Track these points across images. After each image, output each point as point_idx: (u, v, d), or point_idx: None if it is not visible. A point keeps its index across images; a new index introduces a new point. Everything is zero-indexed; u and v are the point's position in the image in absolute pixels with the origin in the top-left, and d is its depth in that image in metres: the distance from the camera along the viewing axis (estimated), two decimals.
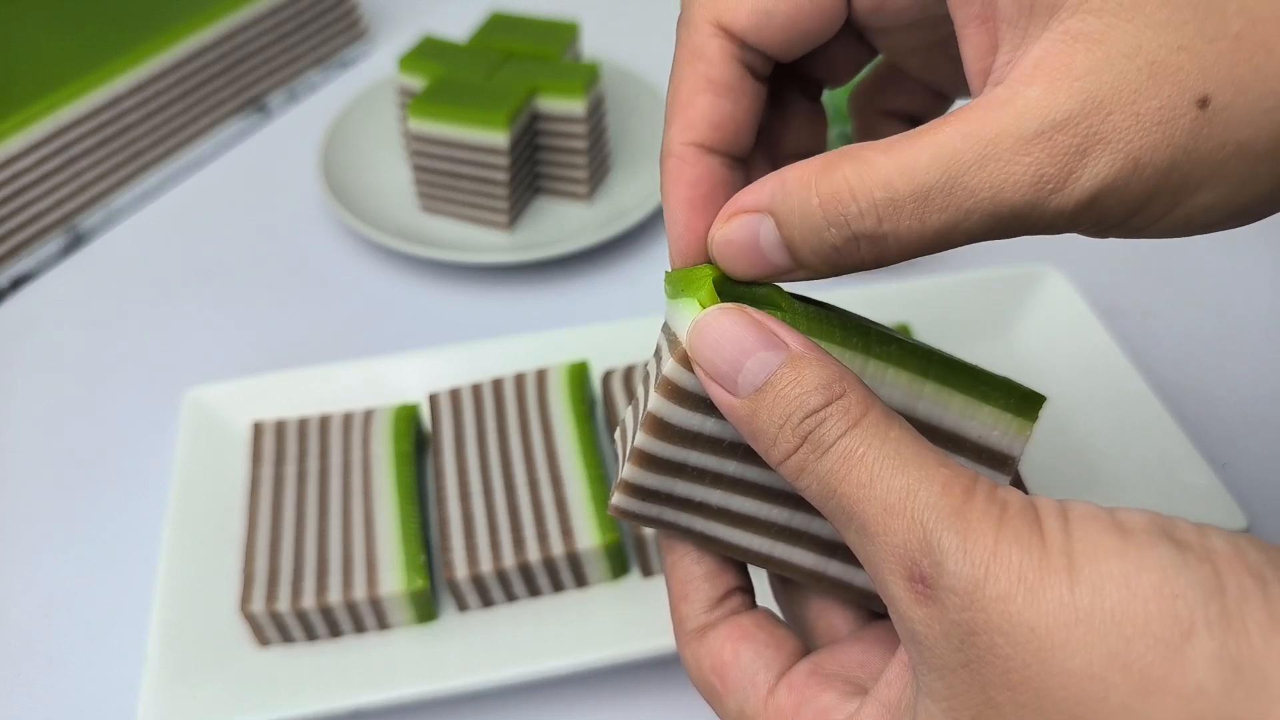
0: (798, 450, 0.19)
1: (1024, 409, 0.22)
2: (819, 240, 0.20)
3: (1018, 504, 0.18)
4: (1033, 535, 0.17)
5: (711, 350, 0.20)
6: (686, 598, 0.24)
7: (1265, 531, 0.42)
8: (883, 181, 0.19)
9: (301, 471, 0.42)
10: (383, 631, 0.38)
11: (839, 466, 0.19)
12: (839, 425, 0.19)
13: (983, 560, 0.17)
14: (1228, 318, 0.53)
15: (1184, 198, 0.19)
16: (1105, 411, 0.45)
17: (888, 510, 0.18)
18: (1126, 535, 0.17)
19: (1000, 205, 0.19)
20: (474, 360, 0.46)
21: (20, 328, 0.54)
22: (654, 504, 0.24)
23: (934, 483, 0.18)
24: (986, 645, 0.17)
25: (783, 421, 0.20)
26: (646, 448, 0.23)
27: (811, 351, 0.20)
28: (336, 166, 0.60)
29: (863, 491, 0.18)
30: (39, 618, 0.41)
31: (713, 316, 0.21)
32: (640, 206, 0.57)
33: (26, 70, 0.58)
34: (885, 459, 0.18)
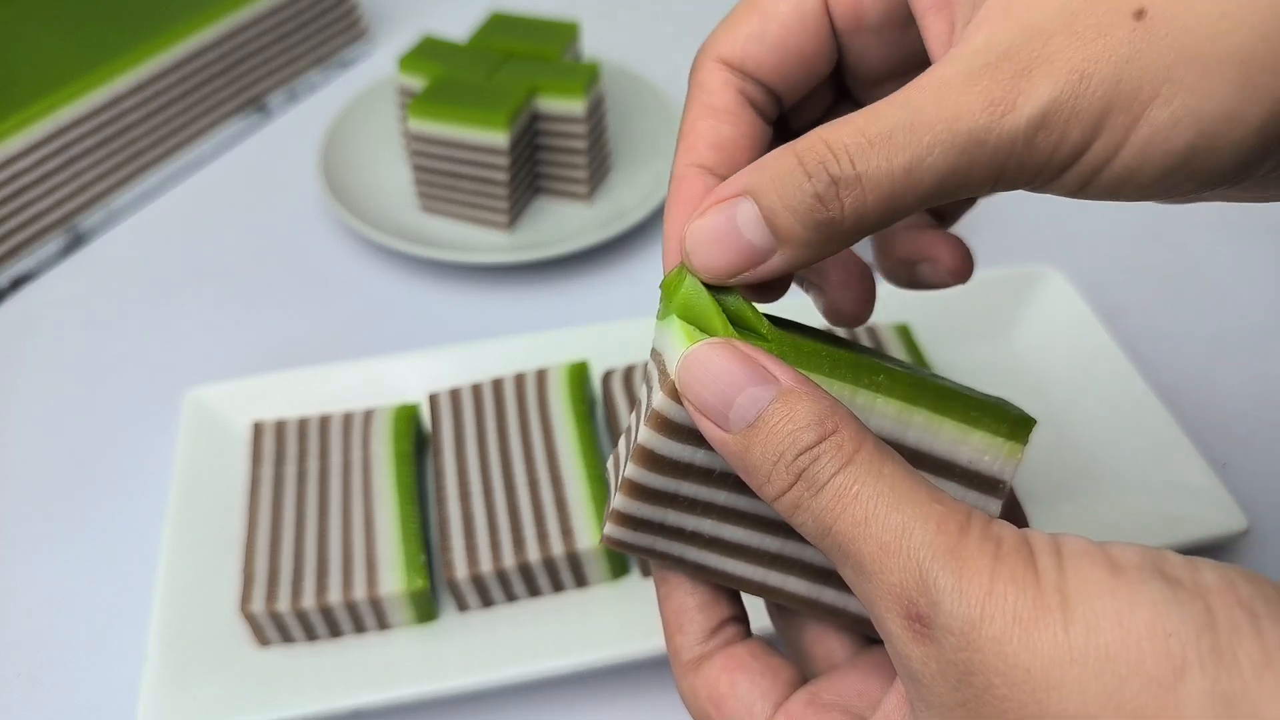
0: (792, 488, 0.19)
1: (1014, 433, 0.22)
2: (799, 194, 0.20)
3: (1011, 541, 0.18)
4: (1027, 573, 0.17)
5: (701, 386, 0.20)
6: (681, 629, 0.24)
7: (1265, 532, 0.42)
8: (854, 129, 0.20)
9: (301, 471, 0.42)
10: (383, 631, 0.38)
11: (834, 504, 0.19)
12: (833, 463, 0.19)
13: (978, 600, 0.17)
14: (1228, 317, 0.53)
15: (1140, 111, 0.19)
16: (1105, 411, 0.45)
17: (884, 549, 0.18)
18: (1119, 572, 0.17)
19: (957, 134, 0.19)
20: (474, 360, 0.46)
21: (20, 328, 0.54)
22: (646, 534, 0.23)
23: (929, 520, 0.18)
24: (983, 685, 0.17)
25: (776, 458, 0.19)
26: (637, 479, 0.22)
27: (802, 386, 0.20)
28: (336, 166, 0.60)
29: (858, 530, 0.18)
30: (39, 617, 0.41)
31: (701, 351, 0.20)
32: (640, 206, 0.57)
33: (27, 70, 0.58)
34: (880, 496, 0.19)
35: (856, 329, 0.47)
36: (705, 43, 0.26)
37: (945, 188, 0.20)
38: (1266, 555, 0.42)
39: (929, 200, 0.20)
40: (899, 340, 0.46)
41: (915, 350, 0.46)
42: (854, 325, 0.29)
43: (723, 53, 0.25)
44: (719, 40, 0.25)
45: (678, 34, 0.76)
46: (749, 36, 0.24)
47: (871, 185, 0.20)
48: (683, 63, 0.78)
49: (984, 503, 0.22)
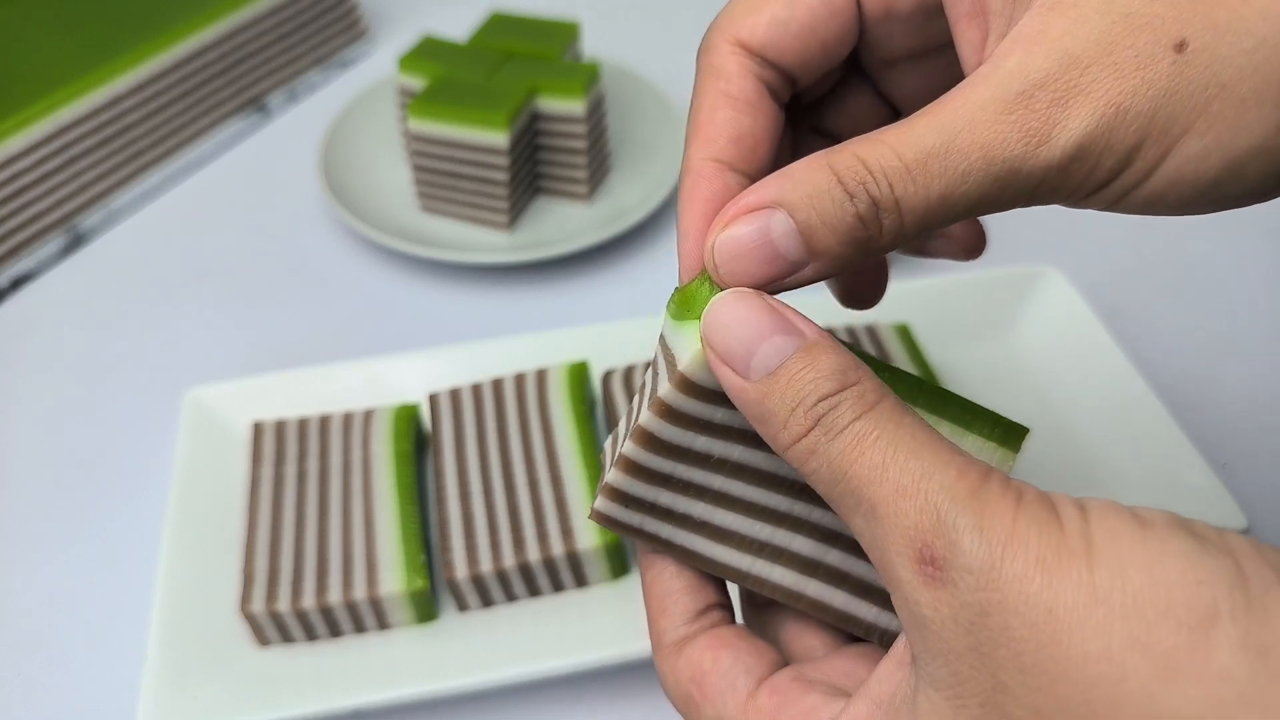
0: (809, 433, 0.19)
1: (1007, 439, 0.22)
2: (840, 214, 0.20)
3: (1033, 493, 0.18)
4: (1050, 518, 0.17)
5: (726, 331, 0.20)
6: (665, 611, 0.24)
7: (1265, 532, 0.42)
8: (890, 152, 0.20)
9: (301, 471, 0.42)
10: (383, 631, 0.38)
11: (852, 448, 0.19)
12: (853, 409, 0.19)
13: (1000, 540, 0.17)
14: (1227, 317, 0.53)
15: (1172, 143, 0.19)
16: (1105, 411, 0.45)
17: (900, 492, 0.18)
18: (1146, 525, 0.17)
19: (992, 162, 0.19)
20: (474, 360, 0.46)
21: (20, 328, 0.54)
22: (636, 512, 0.24)
23: (949, 467, 0.18)
24: (1000, 626, 0.16)
25: (795, 404, 0.19)
26: (634, 457, 0.23)
27: (826, 339, 0.20)
28: (336, 166, 0.60)
29: (875, 473, 0.18)
30: (39, 617, 0.41)
31: (729, 300, 0.20)
32: (640, 206, 0.57)
33: (27, 70, 0.58)
34: (900, 442, 0.18)
35: (856, 330, 0.47)
36: (719, 21, 0.25)
37: (977, 210, 0.20)
38: None
39: (961, 219, 0.21)
40: (899, 340, 0.46)
41: (915, 350, 0.46)
42: (866, 308, 0.29)
43: (742, 36, 0.24)
44: (737, 22, 0.24)
45: (678, 34, 0.76)
46: (773, 21, 0.23)
47: (908, 209, 0.20)
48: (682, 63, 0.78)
49: None
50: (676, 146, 0.61)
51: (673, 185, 0.58)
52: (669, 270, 0.56)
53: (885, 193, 0.20)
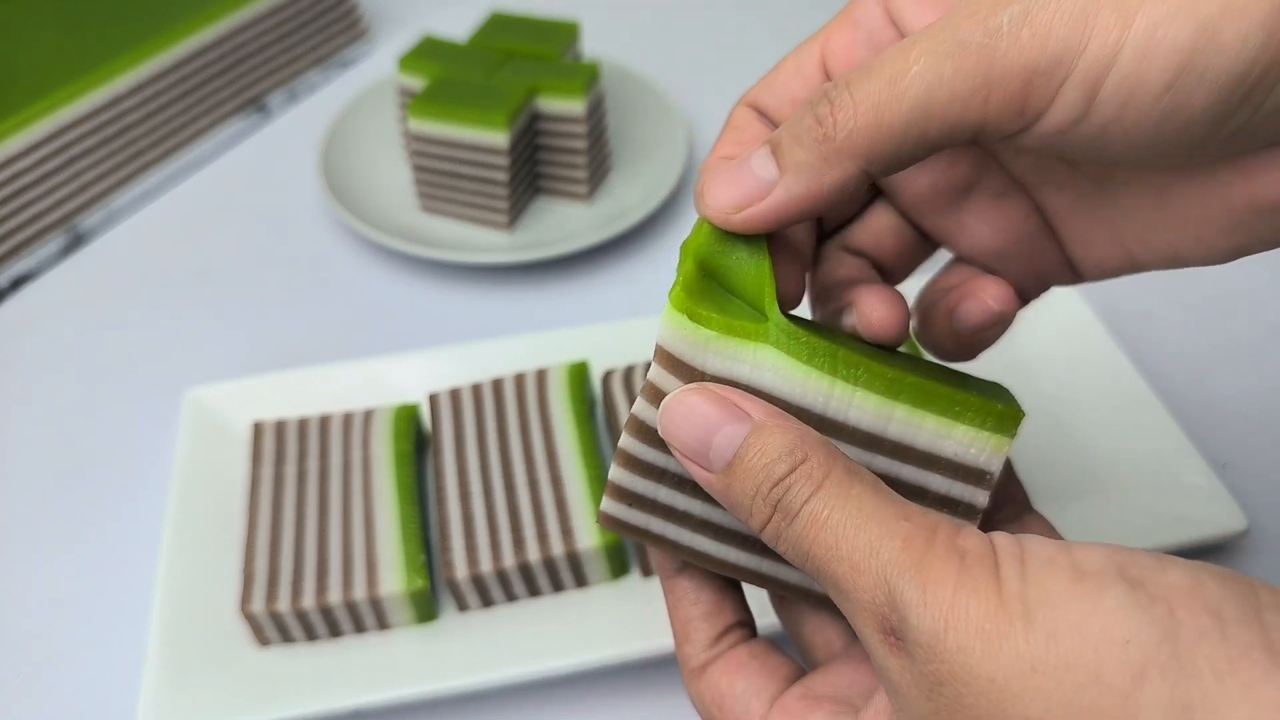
0: (771, 519, 0.20)
1: (1001, 426, 0.22)
2: (801, 121, 0.21)
3: (976, 551, 0.18)
4: (989, 583, 0.18)
5: (681, 430, 0.21)
6: (688, 638, 0.25)
7: (1265, 531, 0.42)
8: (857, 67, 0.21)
9: (301, 471, 0.42)
10: (383, 631, 0.38)
11: (808, 531, 0.20)
12: (804, 490, 0.20)
13: (942, 613, 0.17)
14: (1227, 317, 0.53)
15: (1134, 6, 0.18)
16: (1105, 411, 0.45)
17: (855, 569, 0.19)
18: (1082, 578, 0.17)
19: (939, 41, 0.20)
20: (474, 360, 0.47)
21: (20, 328, 0.54)
22: (640, 511, 0.24)
23: (895, 538, 0.19)
24: (953, 695, 0.17)
25: (754, 493, 0.20)
26: (629, 449, 0.23)
27: (773, 419, 0.21)
28: (336, 166, 0.60)
29: (831, 553, 0.19)
30: (39, 617, 0.41)
31: (678, 397, 0.22)
32: (640, 206, 0.57)
33: (27, 70, 0.58)
34: (849, 519, 0.19)
35: None
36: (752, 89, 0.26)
37: (933, 104, 0.19)
38: (1266, 555, 0.42)
39: (919, 124, 0.20)
40: None
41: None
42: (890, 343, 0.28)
43: (758, 102, 0.26)
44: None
45: (678, 34, 0.76)
46: (778, 92, 0.26)
47: (861, 97, 0.20)
48: (682, 63, 0.78)
49: (970, 494, 0.23)
50: (676, 146, 0.61)
51: (673, 185, 0.58)
52: (669, 270, 0.56)
53: (840, 89, 0.21)
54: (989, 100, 0.19)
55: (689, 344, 0.22)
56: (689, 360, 0.22)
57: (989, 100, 0.19)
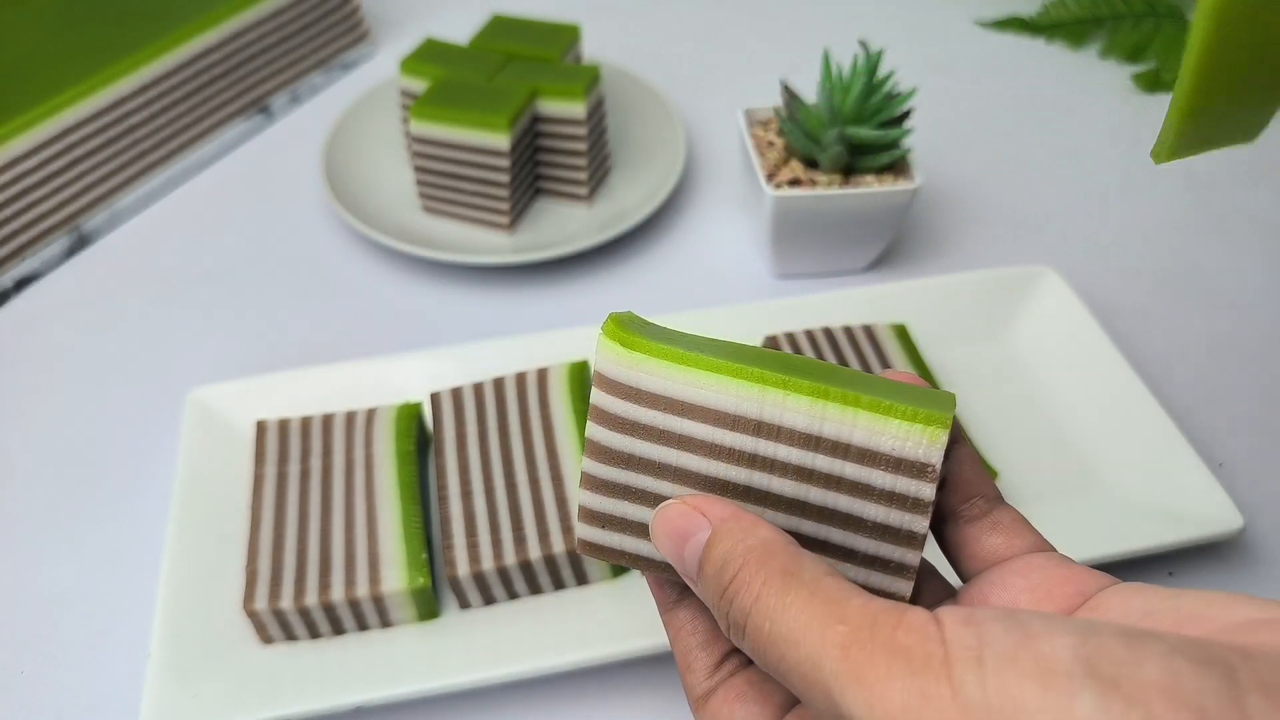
0: (729, 629, 0.21)
1: (934, 417, 0.22)
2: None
3: (921, 650, 0.17)
4: (942, 688, 0.16)
5: (665, 543, 0.23)
6: (690, 668, 0.26)
7: (1261, 530, 0.43)
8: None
9: (304, 470, 0.42)
10: (385, 629, 0.38)
11: (756, 644, 0.20)
12: (743, 602, 0.20)
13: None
14: (1223, 317, 0.53)
15: None
16: (1102, 411, 0.45)
17: (805, 681, 0.19)
18: (1048, 680, 0.16)
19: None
20: (475, 360, 0.47)
21: (24, 328, 0.54)
22: (614, 532, 0.25)
23: (833, 648, 0.18)
24: None
25: (714, 604, 0.21)
26: (591, 471, 0.24)
27: (726, 522, 0.22)
28: (339, 168, 0.60)
29: (782, 665, 0.19)
30: (43, 616, 0.41)
31: (661, 511, 0.23)
32: (640, 208, 0.57)
33: (31, 72, 0.58)
34: (787, 632, 0.19)
35: (854, 330, 0.47)
36: None
37: None
38: (1262, 553, 0.42)
39: None
40: (896, 340, 0.46)
41: (913, 349, 0.46)
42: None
43: None
44: None
45: (678, 37, 0.76)
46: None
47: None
48: (682, 66, 0.78)
49: (915, 488, 0.23)
50: (676, 148, 0.61)
51: (672, 186, 0.59)
52: (669, 271, 0.57)
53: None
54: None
55: (625, 368, 0.23)
56: (626, 381, 0.23)
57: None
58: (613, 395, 0.24)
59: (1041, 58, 0.75)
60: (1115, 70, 0.73)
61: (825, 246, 0.54)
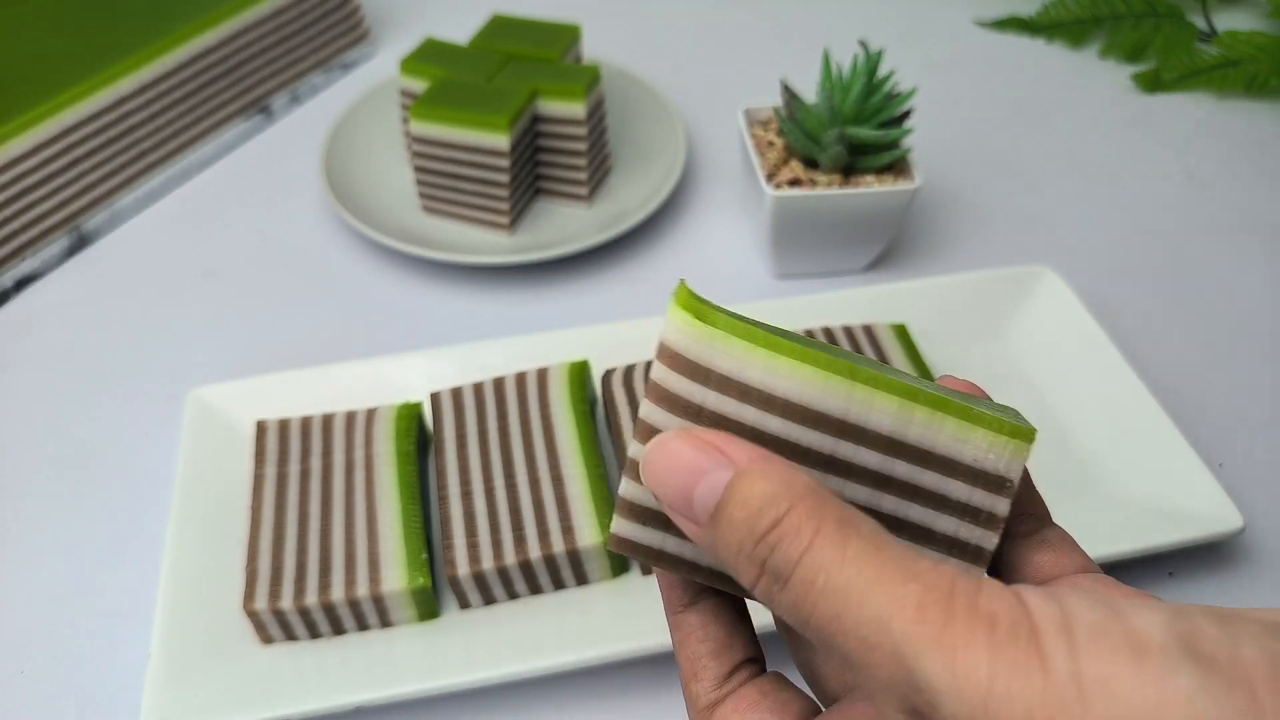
0: (760, 579, 0.18)
1: (1020, 430, 0.22)
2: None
3: (1008, 617, 0.16)
4: (1031, 659, 0.15)
5: (663, 481, 0.20)
6: (696, 676, 0.24)
7: (1261, 530, 0.43)
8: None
9: (304, 470, 0.42)
10: (385, 629, 0.38)
11: (803, 599, 0.17)
12: (792, 550, 0.17)
13: (980, 700, 0.15)
14: (1223, 317, 0.53)
15: None
16: (1102, 411, 0.45)
17: (865, 645, 0.16)
18: (1143, 655, 0.15)
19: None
20: (475, 360, 0.47)
21: (24, 328, 0.54)
22: (655, 529, 0.22)
23: (906, 607, 0.16)
24: None
25: (738, 550, 0.18)
26: (639, 456, 0.22)
27: (758, 463, 0.19)
28: (339, 168, 0.60)
29: (835, 625, 0.17)
30: (43, 615, 0.41)
31: (660, 445, 0.20)
32: (640, 208, 0.57)
33: (31, 72, 0.58)
34: (849, 585, 0.17)
35: (855, 331, 0.47)
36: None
37: None
38: (1262, 553, 0.42)
39: None
40: (896, 339, 0.46)
41: (913, 349, 0.46)
42: None
43: None
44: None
45: (678, 36, 0.76)
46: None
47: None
48: (682, 66, 0.78)
49: (991, 502, 0.22)
50: (676, 148, 0.61)
51: (672, 186, 0.59)
52: (669, 271, 0.57)
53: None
54: None
55: (696, 343, 0.20)
56: (696, 359, 0.20)
57: None
58: (678, 373, 0.20)
59: (1041, 58, 0.75)
60: (1115, 70, 0.73)
61: (825, 246, 0.54)
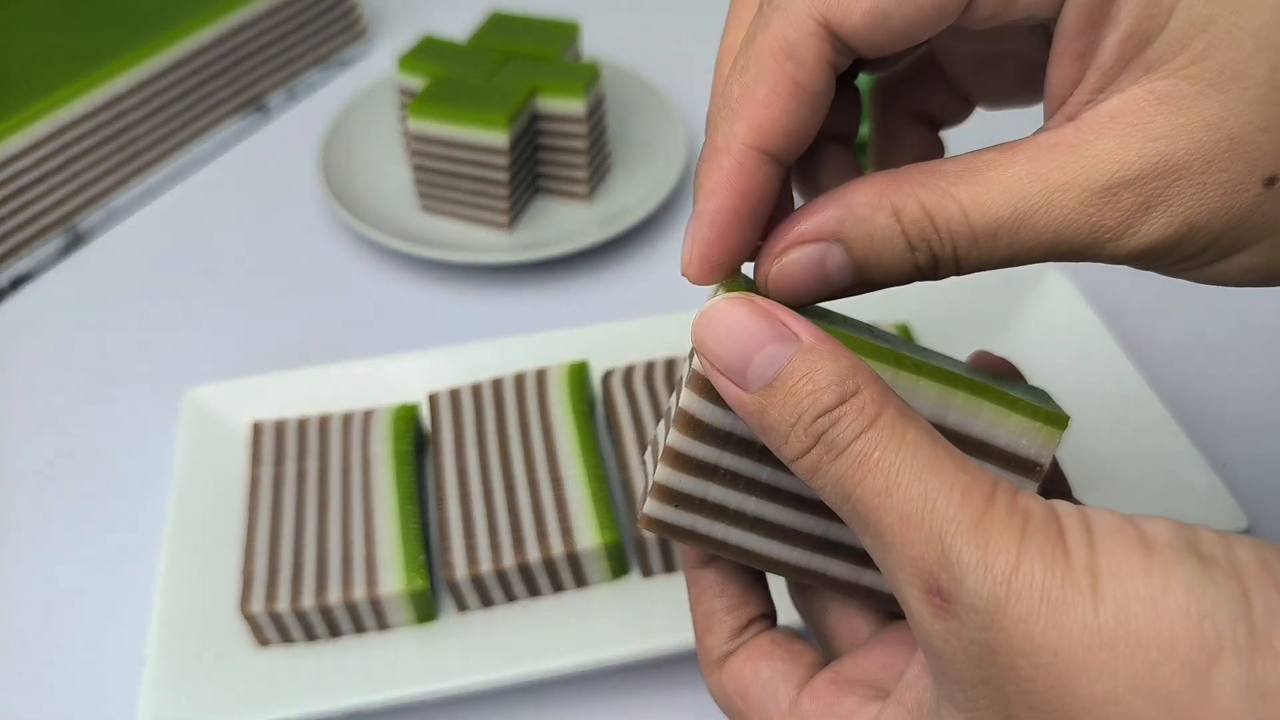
0: (810, 450, 0.19)
1: (1054, 417, 0.22)
2: (899, 260, 0.20)
3: (1040, 514, 0.17)
4: (1056, 550, 0.17)
5: (718, 342, 0.20)
6: (710, 630, 0.24)
7: (1265, 531, 0.42)
8: (958, 214, 0.20)
9: (301, 471, 0.42)
10: (382, 632, 0.38)
11: (854, 471, 0.18)
12: (854, 426, 0.18)
13: (1004, 578, 0.16)
14: (1228, 317, 0.53)
15: (1229, 256, 0.20)
16: (1106, 411, 0.45)
17: (905, 520, 0.17)
18: (1152, 550, 0.16)
19: (1059, 245, 0.20)
20: (474, 360, 0.46)
21: (20, 327, 0.54)
22: (687, 511, 0.23)
23: (953, 491, 0.17)
24: (1007, 664, 0.16)
25: (794, 420, 0.19)
26: (679, 446, 0.22)
27: (824, 344, 0.19)
28: (336, 166, 0.60)
29: (878, 499, 0.18)
30: (38, 618, 0.41)
31: (719, 307, 0.20)
32: (640, 206, 0.57)
33: (27, 70, 0.58)
34: (902, 464, 0.18)
35: None
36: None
37: (1031, 263, 0.21)
38: None
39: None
40: None
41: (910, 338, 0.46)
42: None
43: (832, 18, 0.20)
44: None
45: (678, 34, 0.76)
46: (873, 11, 0.20)
47: (968, 265, 0.21)
48: (682, 63, 0.78)
49: (1020, 484, 0.23)
50: (676, 147, 0.61)
51: (673, 184, 0.58)
52: (669, 270, 0.56)
53: (948, 252, 0.20)
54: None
55: None
56: None
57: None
58: None
59: None
60: None
61: None
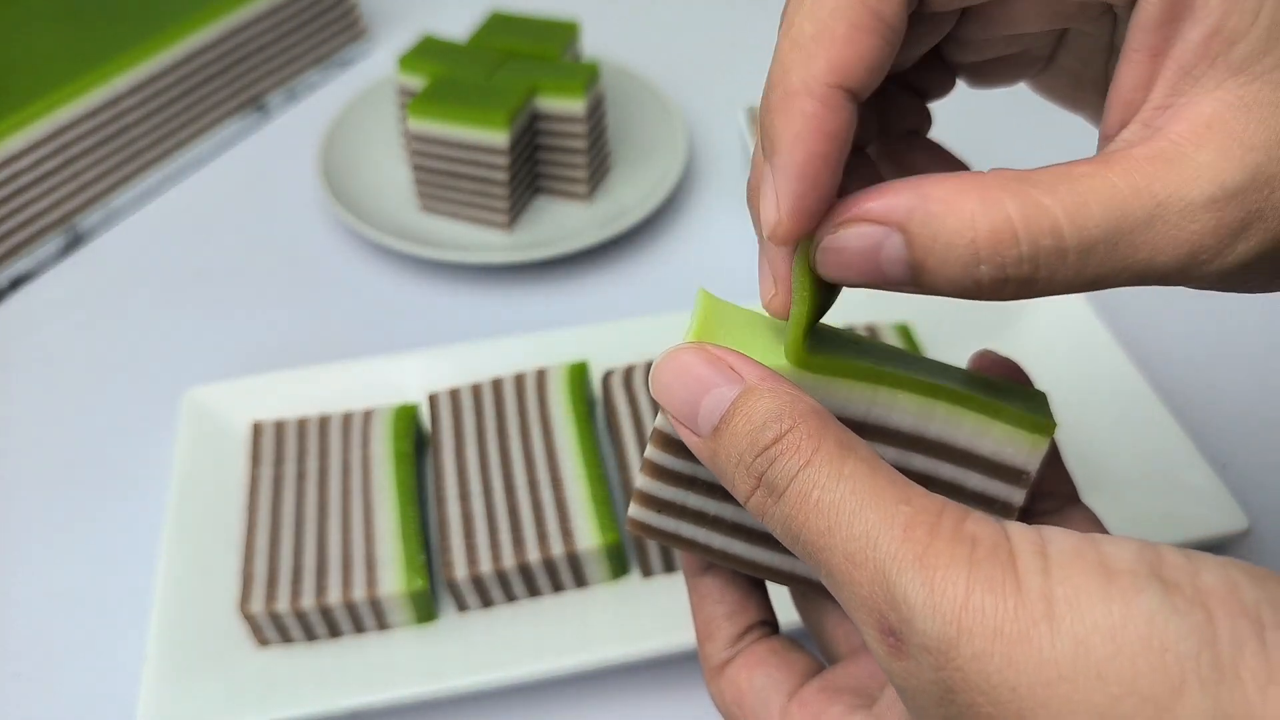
0: (755, 492, 0.19)
1: (1039, 424, 0.22)
2: (963, 274, 0.18)
3: (989, 541, 0.17)
4: (1007, 578, 0.16)
5: (669, 390, 0.20)
6: (711, 636, 0.25)
7: (1265, 531, 0.42)
8: (1051, 228, 0.18)
9: (301, 471, 0.42)
10: (382, 632, 0.38)
11: (796, 511, 0.18)
12: (791, 463, 0.18)
13: (953, 615, 0.16)
14: (1228, 317, 0.53)
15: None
16: (1106, 411, 0.45)
17: (850, 560, 0.17)
18: (1111, 577, 0.16)
19: (1152, 268, 0.18)
20: (474, 360, 0.46)
21: (19, 328, 0.54)
22: (670, 517, 0.24)
23: (894, 526, 0.17)
24: (966, 703, 0.16)
25: (737, 461, 0.19)
26: (656, 459, 0.23)
27: (766, 382, 0.19)
28: (336, 166, 0.60)
29: (823, 539, 0.18)
30: (38, 617, 0.41)
31: (670, 355, 0.20)
32: (640, 206, 0.57)
33: (26, 69, 0.58)
34: (842, 500, 0.18)
35: (858, 328, 0.46)
36: None
37: (1096, 288, 0.19)
38: (1267, 555, 0.42)
39: None
40: (899, 340, 0.46)
41: (915, 350, 0.46)
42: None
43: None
44: None
45: (677, 34, 0.76)
46: None
47: (1047, 286, 0.19)
48: (682, 63, 0.78)
49: (1007, 492, 0.23)
50: (676, 146, 0.61)
51: (673, 184, 0.58)
52: (669, 270, 0.56)
53: (1022, 271, 0.18)
54: None
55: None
56: None
57: None
58: None
59: None
60: None
61: None
